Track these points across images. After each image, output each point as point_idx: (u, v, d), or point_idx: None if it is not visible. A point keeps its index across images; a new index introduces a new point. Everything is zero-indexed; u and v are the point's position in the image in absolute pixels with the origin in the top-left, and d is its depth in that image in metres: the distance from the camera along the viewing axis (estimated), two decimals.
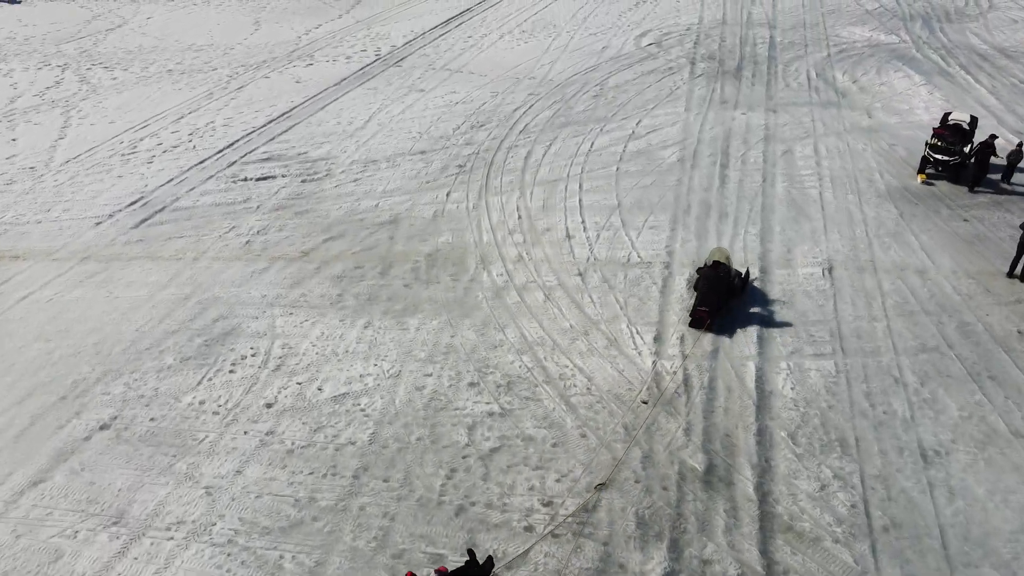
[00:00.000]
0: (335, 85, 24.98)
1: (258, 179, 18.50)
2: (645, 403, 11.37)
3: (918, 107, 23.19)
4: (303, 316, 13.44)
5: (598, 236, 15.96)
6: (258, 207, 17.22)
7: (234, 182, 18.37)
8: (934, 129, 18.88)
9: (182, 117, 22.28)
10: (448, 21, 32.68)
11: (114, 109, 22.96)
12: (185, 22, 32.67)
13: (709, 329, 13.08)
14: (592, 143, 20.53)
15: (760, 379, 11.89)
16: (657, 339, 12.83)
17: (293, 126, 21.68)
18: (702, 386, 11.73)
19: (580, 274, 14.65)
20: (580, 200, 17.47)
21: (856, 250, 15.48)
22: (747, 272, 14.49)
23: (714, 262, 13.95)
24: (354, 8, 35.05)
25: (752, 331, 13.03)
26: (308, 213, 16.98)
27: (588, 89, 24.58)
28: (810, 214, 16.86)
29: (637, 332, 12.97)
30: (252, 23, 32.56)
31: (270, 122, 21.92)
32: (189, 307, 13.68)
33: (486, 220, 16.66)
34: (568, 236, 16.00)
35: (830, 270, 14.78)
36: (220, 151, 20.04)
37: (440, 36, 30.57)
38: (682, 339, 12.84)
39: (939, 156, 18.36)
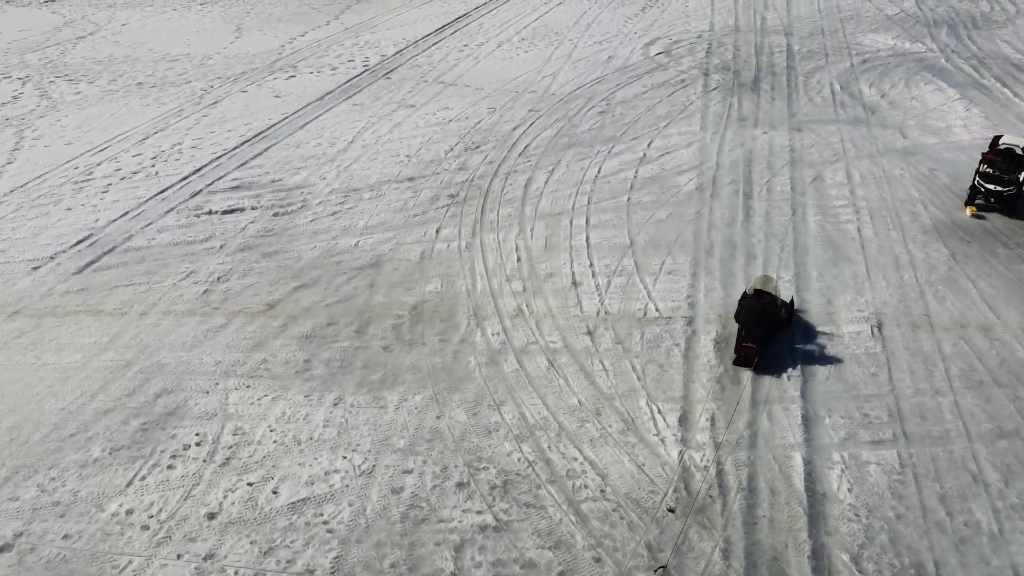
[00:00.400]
0: (317, 100, 22.89)
1: (224, 212, 16.42)
2: (672, 512, 9.30)
3: (955, 125, 21.13)
4: (262, 390, 11.36)
5: (609, 283, 13.89)
6: (221, 247, 15.14)
7: (197, 216, 16.29)
8: (983, 155, 16.78)
9: (147, 138, 20.19)
10: (442, 28, 30.62)
11: (73, 128, 20.87)
12: (162, 29, 30.59)
13: (756, 368, 11.57)
14: (599, 168, 18.46)
15: (810, 477, 9.82)
16: (683, 420, 10.75)
17: (268, 148, 19.60)
18: (740, 487, 9.66)
19: (589, 332, 12.58)
20: (587, 238, 15.40)
21: (906, 301, 13.41)
22: (792, 301, 12.92)
23: (757, 291, 12.42)
24: (343, 14, 32.98)
25: (795, 409, 10.96)
26: (278, 254, 14.89)
27: (594, 104, 22.51)
28: (849, 255, 14.79)
29: (658, 411, 10.89)
30: (234, 30, 30.49)
31: (243, 143, 19.84)
32: (129, 378, 11.59)
33: (480, 263, 14.59)
34: (575, 283, 13.92)
35: (879, 327, 12.70)
36: (185, 178, 17.95)
37: (433, 44, 28.49)
38: (713, 420, 10.76)
39: (990, 186, 16.29)
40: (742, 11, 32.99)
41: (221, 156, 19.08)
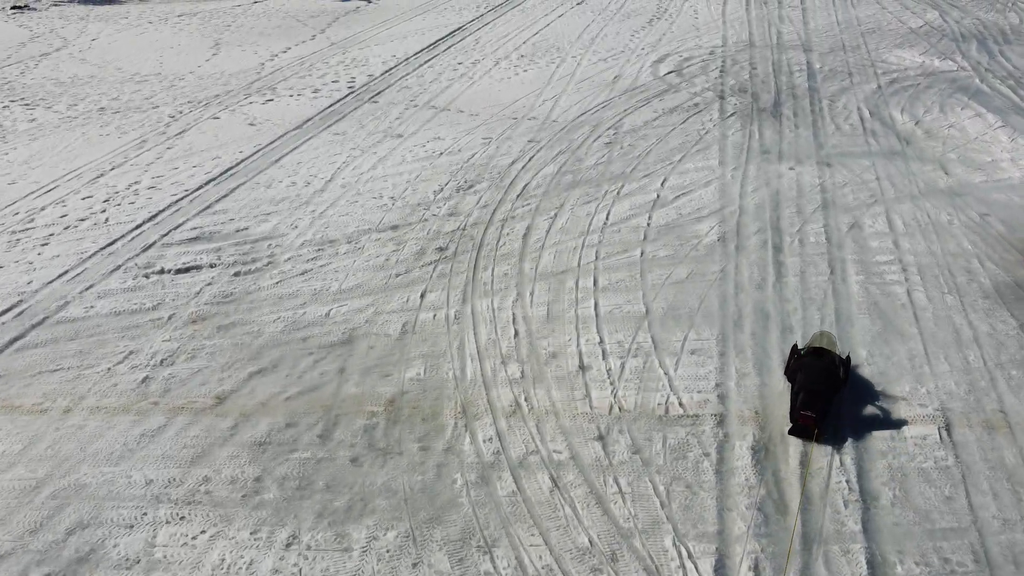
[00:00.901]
0: (295, 129, 20.77)
1: (178, 271, 14.30)
2: None
3: (1002, 159, 19.00)
4: (199, 523, 9.23)
5: (622, 367, 11.76)
6: (170, 318, 13.01)
7: (146, 276, 14.16)
8: None
9: (101, 175, 18.08)
10: (435, 44, 28.50)
11: (20, 164, 18.76)
12: (134, 45, 28.46)
13: (817, 440, 10.06)
14: (608, 213, 16.33)
15: None
16: (719, 568, 8.63)
17: (236, 188, 17.47)
18: None
19: (600, 437, 10.46)
20: (596, 305, 13.27)
21: (976, 391, 11.28)
22: (848, 357, 11.44)
23: (815, 348, 11.00)
24: (330, 27, 30.84)
25: (857, 551, 8.83)
26: (235, 328, 12.77)
27: (600, 134, 20.38)
28: (901, 328, 12.66)
29: (689, 555, 8.77)
30: (211, 46, 28.37)
31: (209, 182, 17.71)
32: (38, 505, 9.47)
33: (471, 340, 12.46)
34: (582, 367, 11.80)
35: (947, 429, 10.57)
36: (138, 226, 15.84)
37: (426, 62, 26.38)
38: (757, 567, 8.64)
39: None
40: (756, 24, 30.88)
41: (182, 199, 16.96)
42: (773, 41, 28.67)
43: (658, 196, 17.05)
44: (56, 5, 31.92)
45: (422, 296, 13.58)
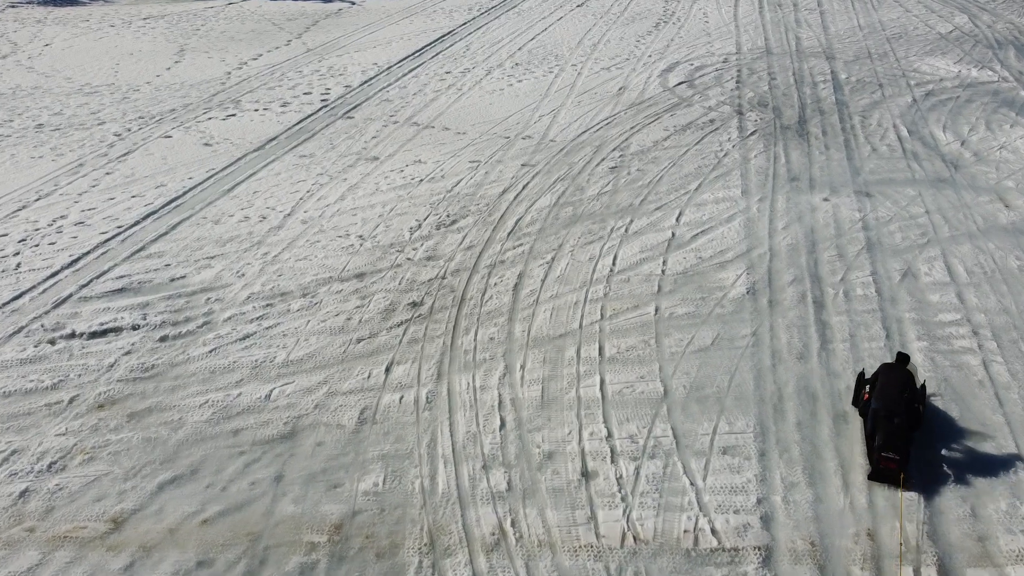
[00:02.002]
0: (256, 151, 18.22)
1: (92, 334, 11.75)
2: None
3: None
4: None
5: (637, 474, 9.22)
6: (71, 400, 10.45)
7: (52, 342, 11.61)
8: None
9: (23, 208, 15.53)
10: (422, 50, 25.94)
11: None
12: (90, 51, 25.88)
13: (904, 485, 8.84)
14: (615, 257, 13.79)
15: None
16: None
17: (178, 224, 14.91)
18: None
19: None
20: (602, 383, 10.73)
21: None
22: (924, 386, 10.03)
23: (892, 378, 9.59)
24: (307, 32, 28.29)
25: None
26: (150, 415, 10.21)
27: (604, 156, 17.85)
28: (983, 416, 10.13)
29: None
30: (175, 52, 25.80)
31: (147, 216, 15.16)
32: None
33: (445, 433, 9.91)
34: (585, 474, 9.25)
35: None
36: (54, 274, 13.28)
37: (410, 72, 23.83)
38: None
39: None
40: (772, 29, 28.36)
41: (112, 238, 14.40)
42: (792, 48, 26.15)
43: (673, 235, 14.51)
44: (12, 7, 29.35)
45: (387, 370, 11.03)
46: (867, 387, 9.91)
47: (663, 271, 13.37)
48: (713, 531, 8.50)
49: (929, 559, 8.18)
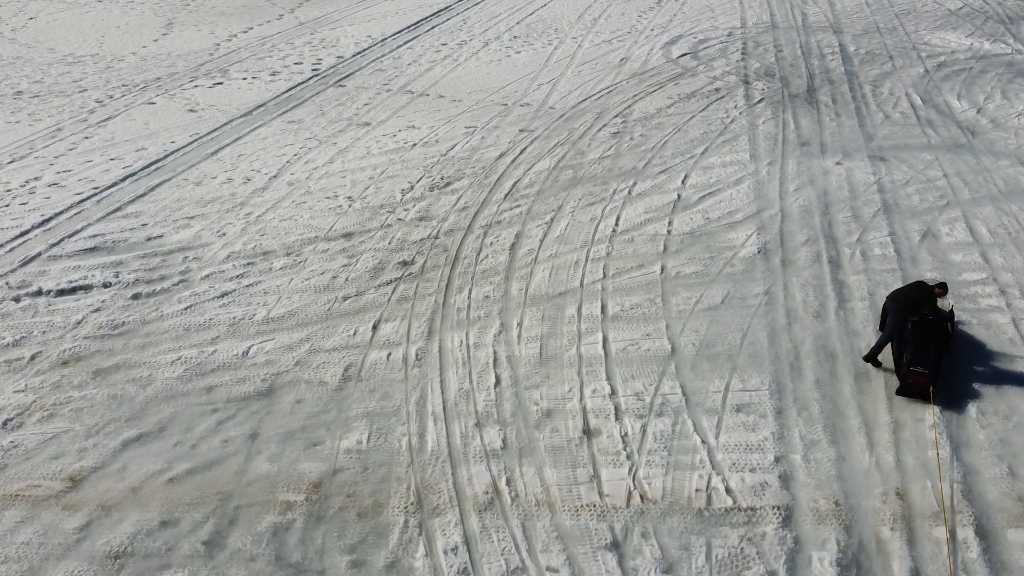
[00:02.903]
0: (243, 116, 17.47)
1: (60, 292, 10.99)
2: None
3: None
4: None
5: (643, 432, 8.47)
6: (33, 357, 9.70)
7: (16, 300, 10.85)
8: None
9: None
10: (418, 23, 25.19)
11: None
12: (75, 25, 25.11)
13: (933, 400, 8.66)
14: (617, 217, 13.05)
15: None
16: None
17: (158, 186, 14.15)
18: None
19: (615, 545, 7.17)
20: (605, 341, 9.98)
21: None
22: (952, 311, 9.74)
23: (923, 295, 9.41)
24: (300, 7, 27.53)
25: None
26: (117, 372, 9.45)
27: (605, 122, 17.10)
28: (1017, 372, 9.39)
29: None
30: (163, 25, 25.04)
31: (125, 179, 14.40)
32: None
33: (436, 391, 9.16)
34: (587, 432, 8.50)
35: None
36: (23, 234, 12.53)
37: (405, 44, 23.08)
38: None
39: None
40: (777, 4, 27.59)
41: (87, 199, 13.64)
42: (798, 22, 25.40)
43: (679, 196, 13.76)
44: None
45: (375, 327, 10.28)
46: (895, 309, 9.41)
47: (669, 231, 12.63)
48: (727, 490, 7.76)
49: (966, 519, 7.44)
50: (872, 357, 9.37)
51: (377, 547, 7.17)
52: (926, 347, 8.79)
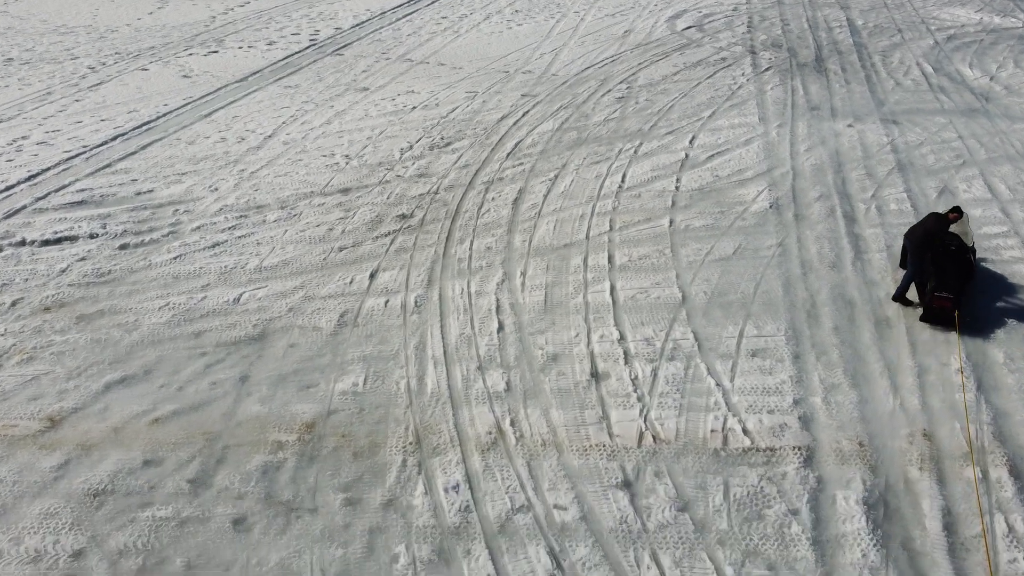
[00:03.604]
0: (239, 82, 17.04)
1: (44, 243, 10.56)
2: None
3: None
4: None
5: (654, 376, 8.03)
6: (14, 303, 9.27)
7: None
8: None
9: None
10: None
11: None
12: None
13: (958, 326, 8.42)
14: (624, 175, 12.62)
15: None
16: None
17: (149, 145, 13.72)
18: None
19: (627, 484, 6.74)
20: (612, 289, 9.55)
21: None
22: (973, 247, 9.56)
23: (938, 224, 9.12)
24: None
25: None
26: (101, 318, 9.02)
27: (609, 88, 16.67)
28: None
29: None
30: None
31: (115, 138, 13.97)
32: None
33: (436, 335, 8.72)
34: (595, 375, 8.07)
35: None
36: (9, 187, 12.10)
37: (404, 16, 22.66)
38: None
39: None
40: None
41: (76, 156, 13.21)
42: None
43: (687, 156, 13.33)
44: None
45: (372, 276, 9.85)
46: (915, 242, 9.19)
47: (677, 188, 12.20)
48: (745, 431, 7.33)
49: (998, 459, 7.01)
50: (901, 295, 9.05)
51: (373, 486, 6.73)
52: (949, 274, 8.63)
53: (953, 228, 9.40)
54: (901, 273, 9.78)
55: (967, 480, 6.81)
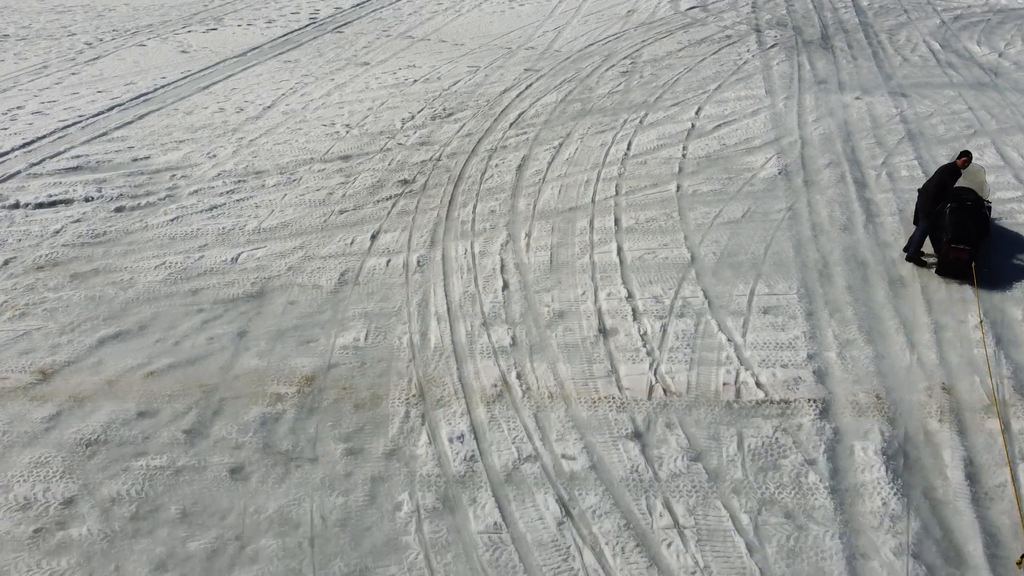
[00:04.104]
0: (237, 57, 16.82)
1: (39, 205, 10.33)
2: None
3: None
4: None
5: (663, 332, 7.81)
6: (6, 263, 9.04)
7: None
8: None
9: None
10: None
11: None
12: None
13: (976, 278, 8.30)
14: (629, 144, 12.40)
15: None
16: None
17: (146, 115, 13.50)
18: None
19: (637, 435, 6.52)
20: (619, 249, 9.33)
21: None
22: (989, 203, 9.36)
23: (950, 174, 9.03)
24: None
25: None
26: (96, 276, 8.80)
27: (613, 63, 16.45)
28: None
29: None
30: None
31: (112, 108, 13.74)
32: None
33: (439, 293, 8.50)
34: (603, 331, 7.85)
35: None
36: (3, 154, 11.86)
37: None
38: None
39: None
40: None
41: (72, 125, 12.98)
42: None
43: (693, 126, 13.11)
44: None
45: (373, 237, 9.62)
46: (931, 196, 9.12)
47: (684, 155, 11.99)
48: (758, 384, 7.11)
49: (1020, 411, 6.79)
50: (915, 255, 8.82)
51: (375, 436, 6.51)
52: (966, 227, 8.48)
53: (969, 182, 9.22)
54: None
55: (988, 432, 6.59)
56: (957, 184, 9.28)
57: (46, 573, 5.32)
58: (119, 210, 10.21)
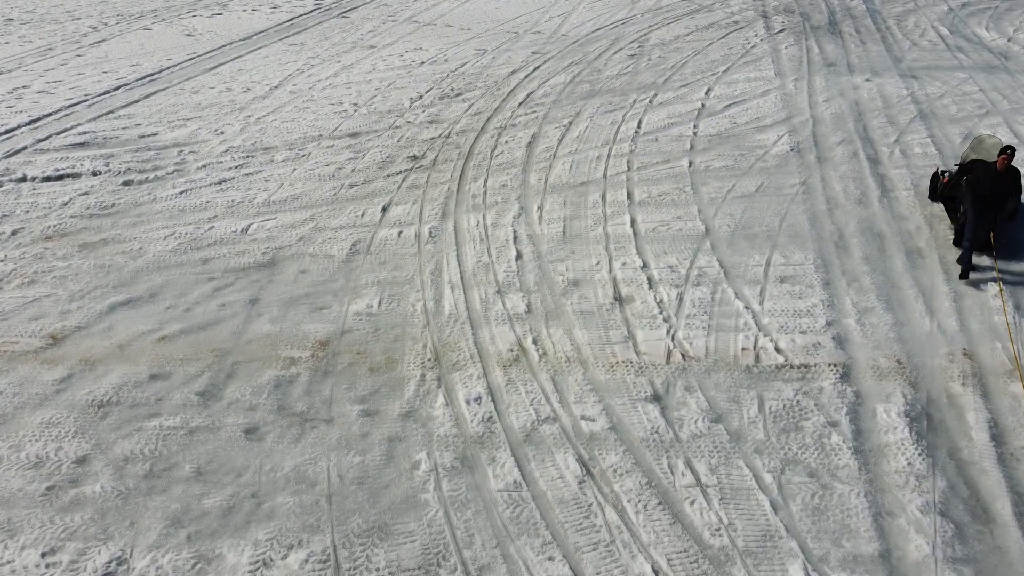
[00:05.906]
0: (242, 40, 16.73)
1: (46, 179, 10.24)
2: None
3: None
4: None
5: (680, 300, 7.72)
6: (15, 233, 8.96)
7: None
8: None
9: None
10: None
11: None
12: None
13: (994, 252, 8.16)
14: (639, 122, 12.31)
15: None
16: None
17: (153, 94, 13.42)
18: None
19: (656, 398, 6.43)
20: (633, 221, 9.24)
21: None
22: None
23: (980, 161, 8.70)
24: None
25: None
26: (105, 246, 8.71)
27: (621, 47, 16.36)
28: None
29: None
30: None
31: (118, 88, 13.66)
32: None
33: (452, 262, 8.42)
34: (618, 298, 7.76)
35: None
36: (9, 131, 11.78)
37: None
38: None
39: None
40: None
41: (78, 103, 12.90)
42: None
43: (703, 105, 13.02)
44: None
45: (384, 209, 9.54)
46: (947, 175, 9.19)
47: (695, 133, 11.90)
48: (777, 349, 7.02)
49: None
50: (967, 269, 8.11)
51: (391, 398, 6.42)
52: (988, 209, 8.22)
53: (983, 154, 9.09)
54: (930, 208, 9.52)
55: (1012, 395, 6.51)
56: (975, 157, 9.19)
57: (60, 528, 5.23)
58: (127, 183, 10.12)
